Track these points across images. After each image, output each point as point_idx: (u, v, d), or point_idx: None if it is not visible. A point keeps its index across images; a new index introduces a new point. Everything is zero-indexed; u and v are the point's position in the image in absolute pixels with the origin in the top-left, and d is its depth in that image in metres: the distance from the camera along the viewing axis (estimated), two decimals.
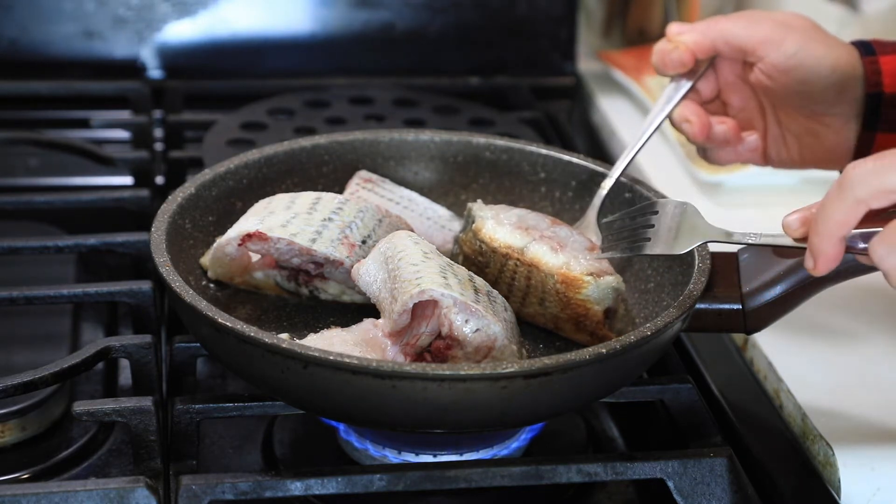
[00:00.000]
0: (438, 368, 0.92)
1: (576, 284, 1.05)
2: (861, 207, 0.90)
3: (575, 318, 1.06)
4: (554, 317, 1.07)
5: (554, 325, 1.08)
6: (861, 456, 1.03)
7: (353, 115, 1.56)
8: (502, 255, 1.08)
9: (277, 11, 1.70)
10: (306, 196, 1.12)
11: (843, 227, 0.91)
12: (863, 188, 0.89)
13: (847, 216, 0.90)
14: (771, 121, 1.17)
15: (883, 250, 0.89)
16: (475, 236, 1.09)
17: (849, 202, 0.90)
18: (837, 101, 1.13)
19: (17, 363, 1.17)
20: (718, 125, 1.15)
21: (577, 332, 1.07)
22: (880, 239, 0.90)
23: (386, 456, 1.05)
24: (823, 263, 0.92)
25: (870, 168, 0.89)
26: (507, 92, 1.69)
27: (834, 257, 0.92)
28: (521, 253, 1.07)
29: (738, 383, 1.16)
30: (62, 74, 1.64)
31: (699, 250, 1.06)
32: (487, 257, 1.09)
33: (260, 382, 0.99)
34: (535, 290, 1.07)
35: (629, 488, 1.08)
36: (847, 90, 1.13)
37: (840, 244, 0.91)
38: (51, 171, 1.53)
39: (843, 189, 0.90)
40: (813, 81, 1.12)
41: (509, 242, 1.08)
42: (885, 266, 0.90)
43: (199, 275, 1.12)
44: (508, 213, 1.10)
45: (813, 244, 0.92)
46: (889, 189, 0.89)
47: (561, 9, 1.73)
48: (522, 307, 1.08)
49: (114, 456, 1.08)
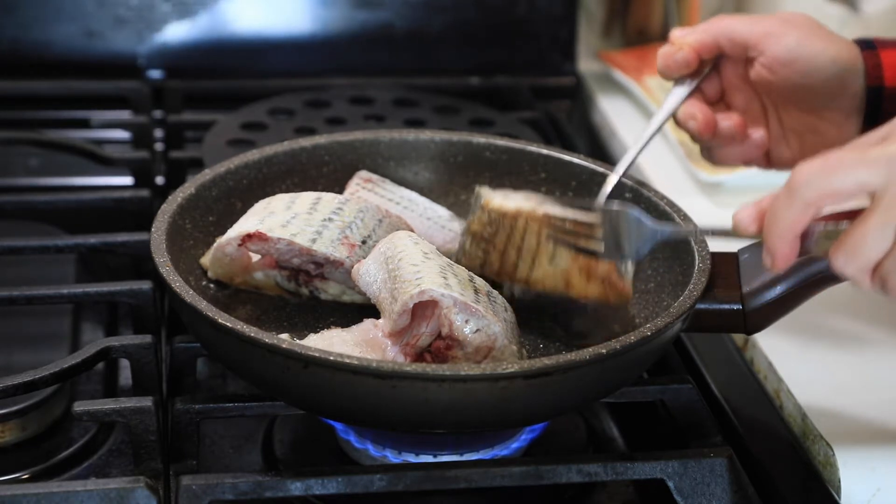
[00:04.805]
0: (438, 369, 0.92)
1: (588, 227, 1.05)
2: (810, 210, 0.89)
3: (587, 265, 1.05)
4: (565, 272, 1.06)
5: (565, 282, 1.07)
6: (861, 456, 1.03)
7: (353, 115, 1.56)
8: (512, 217, 1.07)
9: (277, 11, 1.70)
10: (306, 196, 1.12)
11: (795, 228, 0.90)
12: (810, 191, 0.89)
13: (797, 218, 0.90)
14: (773, 120, 1.17)
15: (842, 258, 0.89)
16: (484, 210, 1.09)
17: (797, 205, 0.89)
18: (839, 95, 1.13)
19: (17, 363, 1.17)
20: (724, 121, 1.15)
21: (588, 283, 1.06)
22: (836, 248, 0.89)
23: (386, 456, 1.05)
24: (780, 261, 0.92)
25: (816, 170, 0.89)
26: (507, 92, 1.69)
27: (790, 255, 0.92)
28: (531, 212, 1.06)
29: (738, 383, 1.16)
30: (62, 74, 1.64)
31: (699, 250, 1.06)
32: (496, 226, 1.08)
33: (260, 382, 0.99)
34: (545, 247, 1.06)
35: (629, 488, 1.08)
36: (848, 83, 1.13)
37: (794, 243, 0.91)
38: (51, 171, 1.53)
39: (792, 191, 0.90)
40: (814, 74, 1.12)
41: (519, 205, 1.07)
42: (846, 273, 0.90)
43: (199, 275, 1.12)
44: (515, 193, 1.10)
45: (767, 243, 0.92)
46: (836, 192, 0.88)
47: (561, 9, 1.73)
48: (532, 272, 1.07)
49: (114, 456, 1.08)
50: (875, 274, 0.90)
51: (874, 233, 0.88)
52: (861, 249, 0.88)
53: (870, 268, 0.89)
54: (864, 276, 0.90)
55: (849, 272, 0.90)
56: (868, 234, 0.88)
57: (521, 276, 1.07)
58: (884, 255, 0.88)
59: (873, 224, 0.88)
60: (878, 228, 0.88)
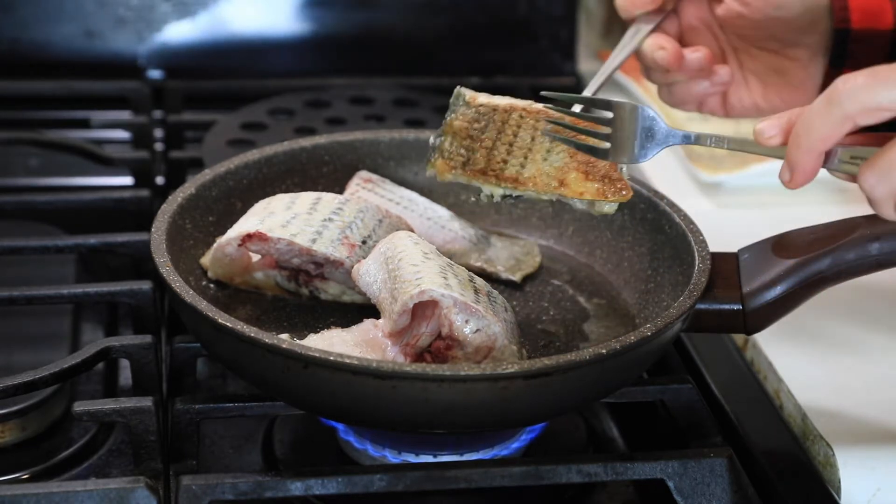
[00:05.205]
0: (438, 369, 0.92)
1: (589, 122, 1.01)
2: (847, 123, 0.86)
3: (586, 162, 1.02)
4: (560, 170, 1.02)
5: (559, 181, 1.03)
6: (861, 456, 1.03)
7: (353, 115, 1.56)
8: (504, 112, 1.04)
9: (277, 11, 1.70)
10: (306, 196, 1.12)
11: (827, 142, 0.87)
12: (852, 103, 0.86)
13: (832, 131, 0.87)
14: (732, 63, 1.14)
15: (873, 178, 0.86)
16: (470, 106, 1.05)
17: (835, 117, 0.86)
18: (808, 31, 1.10)
19: (17, 363, 1.17)
20: (692, 53, 1.12)
21: (586, 180, 1.02)
22: (870, 165, 0.86)
23: (386, 456, 1.05)
24: (801, 176, 0.89)
25: (861, 83, 0.86)
26: (507, 92, 1.68)
27: (812, 171, 0.89)
28: (526, 106, 1.03)
29: (738, 383, 1.16)
30: (62, 74, 1.64)
31: (699, 250, 1.06)
32: (485, 121, 1.04)
33: (260, 382, 0.99)
34: (541, 142, 1.03)
35: (629, 488, 1.08)
36: (818, 20, 1.10)
37: (819, 159, 0.88)
38: (51, 171, 1.53)
39: (832, 103, 0.86)
40: (786, 6, 1.09)
41: (511, 101, 1.05)
42: (874, 195, 0.87)
43: (199, 275, 1.12)
44: None
45: (791, 156, 0.89)
46: (880, 106, 0.86)
47: (561, 9, 1.73)
48: (523, 169, 1.03)
49: (114, 456, 1.08)
50: None
51: None
52: (894, 170, 0.85)
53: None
54: (891, 200, 0.87)
55: (877, 194, 0.87)
56: None
57: (509, 174, 1.03)
58: None
59: None
60: None
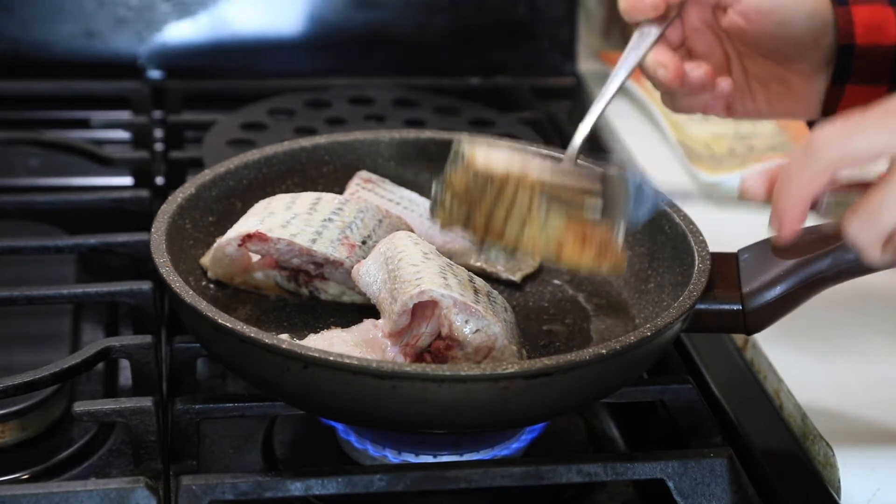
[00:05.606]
0: (438, 369, 0.92)
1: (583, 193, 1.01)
2: (827, 174, 0.87)
3: (581, 235, 1.02)
4: (557, 238, 1.02)
5: (557, 249, 1.03)
6: (861, 456, 1.03)
7: (353, 115, 1.56)
8: (501, 179, 1.03)
9: (277, 11, 1.70)
10: (306, 196, 1.12)
11: (809, 193, 0.88)
12: (829, 154, 0.86)
13: (812, 183, 0.87)
14: (736, 69, 1.13)
15: (857, 225, 0.87)
16: (468, 169, 1.04)
17: (814, 169, 0.87)
18: (811, 48, 1.09)
19: (17, 363, 1.17)
20: (694, 70, 1.11)
21: (582, 250, 1.02)
22: (852, 213, 0.87)
23: (386, 456, 1.05)
24: (789, 227, 0.90)
25: (835, 134, 0.86)
26: (507, 92, 1.69)
27: (799, 221, 0.89)
28: (521, 176, 1.03)
29: (738, 383, 1.16)
30: (62, 74, 1.64)
31: (699, 250, 1.06)
32: (483, 185, 1.04)
33: (260, 382, 0.99)
34: (538, 212, 1.02)
35: (629, 488, 1.08)
36: (821, 37, 1.09)
37: (805, 209, 0.89)
38: (51, 171, 1.53)
39: (809, 154, 0.87)
40: (789, 25, 1.08)
41: (508, 167, 1.03)
42: (859, 241, 0.87)
43: (199, 275, 1.12)
44: (498, 144, 1.08)
45: (777, 209, 0.89)
46: (856, 155, 0.86)
47: (561, 9, 1.73)
48: (521, 234, 1.03)
49: (114, 456, 1.08)
50: (889, 243, 0.87)
51: (892, 199, 0.85)
52: (878, 216, 0.86)
53: (884, 236, 0.87)
54: (877, 244, 0.87)
55: (862, 240, 0.87)
56: (886, 200, 0.85)
57: (508, 238, 1.03)
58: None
59: (892, 190, 0.85)
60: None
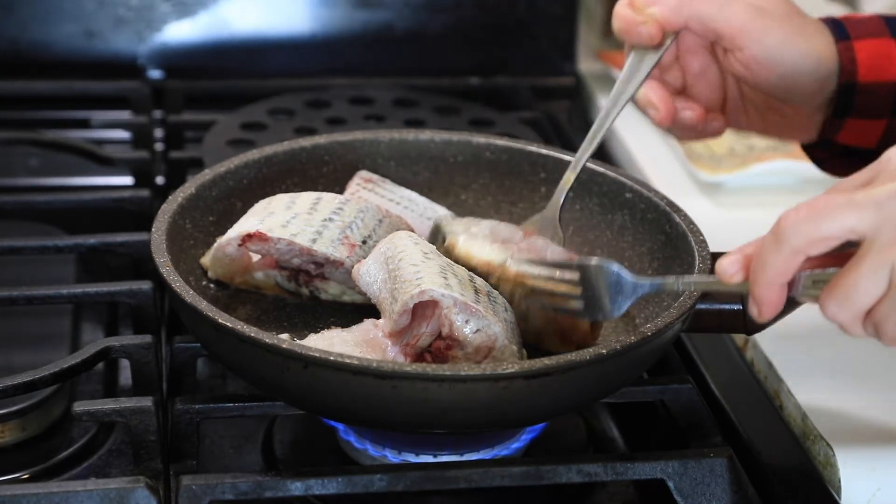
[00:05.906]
0: (439, 369, 0.92)
1: (565, 285, 1.02)
2: (798, 257, 0.87)
3: (560, 330, 1.04)
4: (538, 331, 1.05)
5: (536, 339, 1.05)
6: (861, 456, 1.03)
7: (353, 115, 1.56)
8: (482, 273, 1.05)
9: (277, 11, 1.70)
10: (307, 196, 1.12)
11: (783, 276, 0.88)
12: (797, 238, 0.86)
13: (784, 266, 0.87)
14: (732, 88, 1.13)
15: (833, 307, 0.86)
16: (449, 254, 1.07)
17: (784, 252, 0.87)
18: (815, 94, 1.09)
19: (17, 363, 1.17)
20: (685, 111, 1.11)
21: (562, 344, 1.04)
22: (828, 294, 0.87)
23: (386, 456, 1.05)
24: (767, 309, 0.89)
25: (803, 217, 0.86)
26: (507, 92, 1.69)
27: (777, 303, 0.89)
28: (502, 269, 1.05)
29: (738, 383, 1.16)
30: (62, 74, 1.64)
31: (699, 250, 1.06)
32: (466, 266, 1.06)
33: (260, 382, 0.99)
34: (518, 305, 1.05)
35: (629, 488, 1.08)
36: (826, 84, 1.09)
37: (781, 291, 0.88)
38: (51, 171, 1.53)
39: (778, 238, 0.87)
40: (795, 76, 1.08)
41: (488, 259, 1.06)
42: (838, 321, 0.87)
43: (199, 275, 1.12)
44: (480, 226, 1.08)
45: (753, 292, 0.89)
46: (824, 237, 0.86)
47: (561, 9, 1.73)
48: None
49: (114, 456, 1.08)
50: (867, 320, 0.87)
51: (866, 278, 0.85)
52: (853, 296, 0.85)
53: (862, 314, 0.87)
54: (856, 322, 0.87)
55: (840, 319, 0.87)
56: (860, 280, 0.85)
57: None
58: (876, 301, 0.85)
59: (865, 270, 0.85)
60: (870, 274, 0.84)
